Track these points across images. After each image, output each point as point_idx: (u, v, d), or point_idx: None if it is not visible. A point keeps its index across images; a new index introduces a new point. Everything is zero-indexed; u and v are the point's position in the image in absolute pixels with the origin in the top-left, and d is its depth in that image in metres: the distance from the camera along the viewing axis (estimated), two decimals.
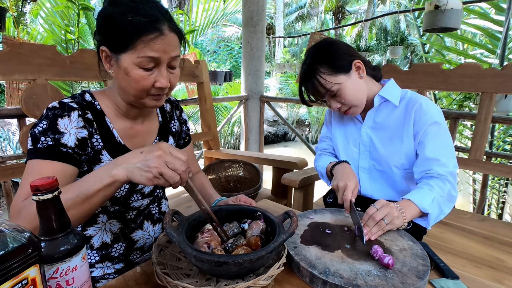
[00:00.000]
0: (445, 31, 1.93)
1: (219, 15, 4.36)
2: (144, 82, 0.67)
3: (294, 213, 0.67)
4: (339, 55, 0.95)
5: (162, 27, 0.64)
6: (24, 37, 4.03)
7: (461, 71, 1.46)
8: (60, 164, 0.65)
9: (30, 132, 0.65)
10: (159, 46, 0.64)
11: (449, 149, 0.92)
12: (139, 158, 0.57)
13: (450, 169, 0.90)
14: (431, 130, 0.92)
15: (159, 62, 0.66)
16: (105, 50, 0.67)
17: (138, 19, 0.63)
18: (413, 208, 0.82)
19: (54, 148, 0.65)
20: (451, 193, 0.88)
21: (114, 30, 0.64)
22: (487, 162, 1.43)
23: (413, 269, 0.64)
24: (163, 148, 0.56)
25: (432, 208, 0.83)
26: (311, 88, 0.99)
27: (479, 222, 1.43)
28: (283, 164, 1.76)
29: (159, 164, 0.54)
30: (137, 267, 0.68)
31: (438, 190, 0.86)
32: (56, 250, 0.46)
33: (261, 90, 3.02)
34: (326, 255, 0.68)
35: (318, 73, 0.94)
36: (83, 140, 0.70)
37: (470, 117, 1.64)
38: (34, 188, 0.44)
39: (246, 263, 0.55)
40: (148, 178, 0.55)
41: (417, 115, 0.93)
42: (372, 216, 0.77)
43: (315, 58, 0.96)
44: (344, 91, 0.94)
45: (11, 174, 1.13)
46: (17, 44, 1.09)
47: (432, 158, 0.90)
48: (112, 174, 0.57)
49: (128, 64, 0.65)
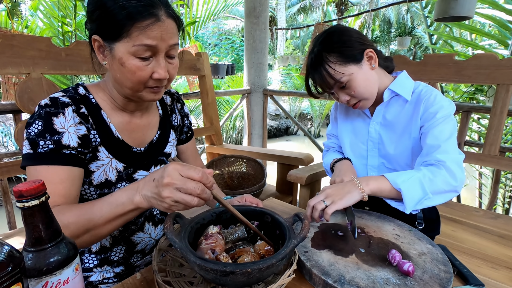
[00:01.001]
0: (458, 20, 1.85)
1: (220, 6, 4.26)
2: (140, 73, 0.61)
3: (305, 215, 0.62)
4: (350, 43, 0.87)
5: (158, 12, 0.59)
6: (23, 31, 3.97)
7: (476, 62, 1.39)
8: (66, 168, 0.62)
9: (26, 135, 0.61)
10: (156, 33, 0.59)
11: (452, 138, 0.82)
12: (151, 187, 0.53)
13: (452, 155, 0.78)
14: (436, 119, 0.83)
15: (157, 51, 0.61)
16: (97, 39, 0.62)
17: (132, 3, 0.57)
18: (381, 182, 0.75)
19: (56, 151, 0.61)
20: (447, 181, 0.75)
21: (106, 16, 0.59)
22: (502, 157, 1.37)
23: (435, 276, 0.59)
24: (171, 174, 0.50)
25: (406, 185, 0.73)
26: (319, 79, 0.91)
27: (492, 219, 1.37)
28: (288, 160, 1.71)
29: (170, 193, 0.51)
30: (137, 274, 0.64)
31: (426, 172, 0.75)
32: (44, 262, 0.41)
33: (264, 84, 2.95)
34: (340, 261, 0.63)
35: (326, 62, 0.87)
36: (84, 137, 0.66)
37: (484, 110, 1.58)
38: (17, 194, 0.39)
39: (255, 272, 0.50)
40: (166, 208, 0.53)
41: (425, 106, 0.86)
42: (308, 204, 0.75)
43: (324, 45, 0.88)
44: (354, 82, 0.87)
45: (6, 172, 1.08)
46: (9, 36, 1.04)
47: (433, 144, 0.81)
48: (134, 202, 0.56)
49: (123, 54, 0.60)
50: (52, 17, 2.99)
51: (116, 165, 0.71)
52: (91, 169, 0.68)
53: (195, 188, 0.50)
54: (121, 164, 0.72)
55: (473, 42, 2.79)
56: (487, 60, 1.37)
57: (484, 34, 2.70)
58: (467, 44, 2.70)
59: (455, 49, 3.49)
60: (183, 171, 0.51)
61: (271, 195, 1.74)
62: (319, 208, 0.73)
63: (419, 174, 0.76)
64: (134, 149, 0.75)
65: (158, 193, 0.52)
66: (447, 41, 3.14)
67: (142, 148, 0.77)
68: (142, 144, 0.77)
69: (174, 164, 0.52)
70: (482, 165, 1.41)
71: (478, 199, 3.02)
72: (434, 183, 0.75)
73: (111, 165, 0.71)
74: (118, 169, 0.72)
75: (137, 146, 0.75)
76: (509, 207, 2.78)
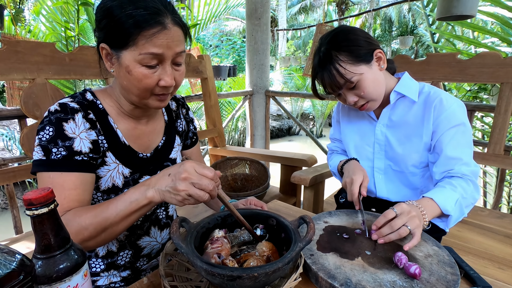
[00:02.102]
0: (460, 19, 1.83)
1: (221, 8, 4.27)
2: (147, 80, 0.62)
3: (310, 218, 0.62)
4: (358, 42, 0.85)
5: (164, 21, 0.60)
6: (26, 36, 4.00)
7: (479, 60, 1.38)
8: (79, 175, 0.63)
9: (38, 142, 0.62)
10: (162, 41, 0.60)
11: (470, 147, 0.86)
12: (167, 181, 0.57)
13: (472, 168, 0.84)
14: (452, 128, 0.85)
15: (163, 59, 0.62)
16: (105, 47, 0.63)
17: (139, 12, 0.58)
18: (435, 209, 0.76)
19: (69, 158, 0.62)
20: (474, 195, 0.82)
21: (113, 25, 0.60)
22: (507, 156, 1.36)
23: (442, 278, 0.59)
24: (188, 170, 0.55)
25: (454, 210, 0.77)
26: (328, 78, 0.88)
27: (498, 219, 1.37)
28: (292, 162, 1.71)
29: (186, 187, 0.54)
30: (144, 278, 0.64)
31: (461, 191, 0.80)
32: (54, 269, 0.42)
33: (266, 85, 2.95)
34: (346, 264, 0.63)
35: (337, 61, 0.84)
36: (95, 142, 0.67)
37: (488, 109, 1.57)
38: (27, 202, 0.40)
39: (262, 277, 0.50)
40: (178, 201, 0.56)
41: (437, 111, 0.86)
42: (390, 224, 0.70)
43: (333, 44, 0.86)
44: (365, 82, 0.85)
45: (13, 177, 1.09)
46: (13, 42, 1.05)
47: (454, 157, 0.84)
48: (148, 196, 0.58)
49: (130, 62, 0.61)
50: (54, 22, 3.02)
51: (123, 171, 0.72)
52: (99, 175, 0.69)
53: (208, 184, 0.55)
54: (127, 169, 0.73)
55: (476, 40, 2.77)
56: (490, 58, 1.36)
57: (486, 32, 2.68)
58: (469, 42, 2.68)
59: (458, 48, 3.47)
60: (198, 169, 0.55)
61: (275, 197, 1.74)
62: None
63: (457, 194, 0.79)
64: (140, 154, 0.75)
65: (174, 186, 0.55)
66: (449, 40, 3.12)
67: (148, 153, 0.77)
68: (148, 149, 0.78)
69: (190, 162, 0.57)
70: (487, 164, 1.40)
71: (483, 198, 3.01)
72: (466, 200, 0.81)
73: (118, 170, 0.71)
74: (125, 174, 0.72)
75: (143, 152, 0.76)
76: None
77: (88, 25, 3.99)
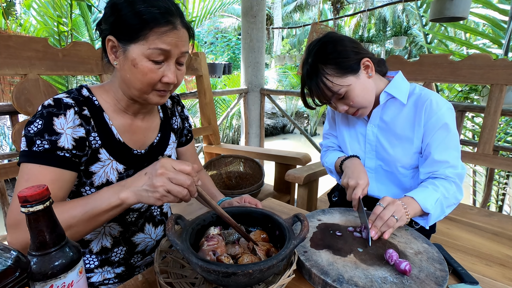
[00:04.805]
0: (453, 21, 1.87)
1: (216, 5, 4.25)
2: (151, 75, 0.64)
3: (304, 216, 0.63)
4: (346, 54, 0.85)
5: (175, 21, 0.64)
6: (17, 30, 3.91)
7: (471, 62, 1.41)
8: (58, 170, 0.62)
9: (25, 132, 0.61)
10: (172, 39, 0.63)
11: (457, 150, 0.88)
12: (144, 180, 0.56)
13: (459, 170, 0.86)
14: (441, 132, 0.86)
15: (169, 56, 0.64)
16: (112, 39, 0.64)
17: (153, 10, 0.61)
18: (415, 206, 0.79)
19: (51, 152, 0.61)
20: (456, 196, 0.85)
21: (126, 19, 0.61)
22: (495, 156, 1.40)
23: (431, 274, 0.61)
24: (165, 165, 0.54)
25: (434, 209, 0.80)
26: (316, 91, 0.89)
27: (486, 217, 1.40)
28: (286, 160, 1.72)
29: (163, 182, 0.53)
30: (139, 275, 0.65)
31: (443, 190, 0.82)
32: (49, 266, 0.42)
33: (261, 83, 2.96)
34: (339, 260, 0.65)
35: (323, 74, 0.85)
36: (80, 140, 0.66)
37: (478, 110, 1.60)
38: (22, 199, 0.40)
39: (256, 273, 0.51)
40: (156, 198, 0.55)
41: (427, 115, 0.87)
42: (379, 216, 0.74)
43: (319, 57, 0.87)
44: (353, 93, 0.86)
45: (4, 174, 1.08)
46: (5, 36, 1.03)
47: (441, 160, 0.86)
48: (120, 197, 0.56)
49: (137, 55, 0.62)
50: (46, 16, 2.96)
51: (117, 167, 0.72)
52: (92, 171, 0.69)
53: (186, 180, 0.54)
54: (121, 165, 0.72)
55: (468, 42, 2.82)
56: (481, 60, 1.39)
57: (478, 34, 2.73)
58: (461, 43, 2.73)
59: (450, 48, 3.52)
60: (175, 164, 0.55)
61: (269, 195, 1.75)
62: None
63: (438, 194, 0.81)
64: (134, 151, 0.75)
65: (151, 183, 0.54)
66: (442, 41, 3.17)
67: (143, 150, 0.77)
68: (143, 146, 0.78)
69: (166, 158, 0.57)
70: (477, 164, 1.44)
71: (472, 196, 3.07)
72: (448, 200, 0.83)
73: (112, 166, 0.71)
74: (119, 170, 0.72)
75: (137, 148, 0.76)
76: (502, 204, 2.83)
77: (81, 20, 3.92)
